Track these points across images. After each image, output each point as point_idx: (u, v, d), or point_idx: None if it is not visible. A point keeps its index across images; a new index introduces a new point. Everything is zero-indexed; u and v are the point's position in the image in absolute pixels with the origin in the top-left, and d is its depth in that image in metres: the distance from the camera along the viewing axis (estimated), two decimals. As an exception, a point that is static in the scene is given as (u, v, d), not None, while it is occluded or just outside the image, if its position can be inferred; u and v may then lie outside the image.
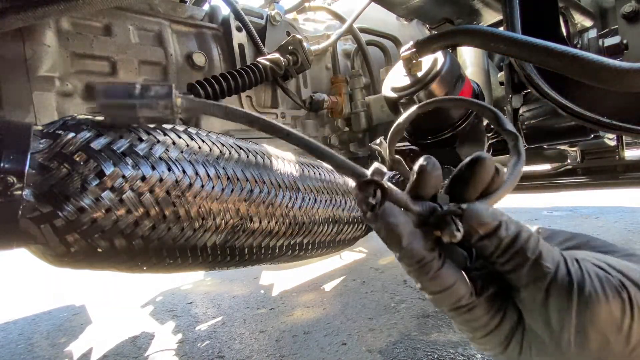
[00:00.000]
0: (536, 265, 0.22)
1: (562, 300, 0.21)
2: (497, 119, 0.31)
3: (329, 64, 1.13)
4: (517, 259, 0.23)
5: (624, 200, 2.57)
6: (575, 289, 0.21)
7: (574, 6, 0.83)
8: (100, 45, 0.67)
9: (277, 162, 0.48)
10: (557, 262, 0.22)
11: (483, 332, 0.25)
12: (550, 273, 0.22)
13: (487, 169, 0.24)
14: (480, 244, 0.24)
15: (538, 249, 0.22)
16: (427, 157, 0.25)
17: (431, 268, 0.24)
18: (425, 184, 0.25)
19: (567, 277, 0.22)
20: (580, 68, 0.41)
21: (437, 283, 0.24)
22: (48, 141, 0.31)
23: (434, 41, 0.57)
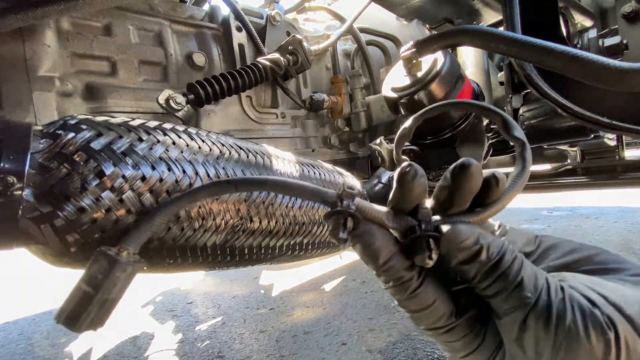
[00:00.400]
0: (516, 293, 0.21)
1: (539, 333, 0.20)
2: (505, 123, 0.29)
3: (329, 64, 1.13)
4: (498, 285, 0.21)
5: (624, 200, 2.57)
6: (553, 323, 0.20)
7: (574, 6, 0.83)
8: (100, 45, 0.67)
9: (277, 162, 0.48)
10: (540, 290, 0.21)
11: (463, 352, 0.24)
12: (529, 303, 0.20)
13: (473, 178, 0.22)
14: (460, 268, 0.22)
15: (520, 275, 0.21)
16: (408, 164, 0.23)
17: (409, 287, 0.23)
18: (406, 196, 0.23)
19: (547, 309, 0.20)
20: (580, 68, 0.41)
21: (415, 302, 0.24)
22: (48, 141, 0.31)
23: (434, 41, 0.57)
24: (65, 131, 0.32)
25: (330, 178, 0.57)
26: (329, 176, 0.57)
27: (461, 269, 0.22)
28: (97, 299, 0.22)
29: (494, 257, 0.21)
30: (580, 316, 0.20)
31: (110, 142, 0.33)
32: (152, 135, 0.36)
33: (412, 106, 0.65)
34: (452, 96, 0.64)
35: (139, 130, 0.36)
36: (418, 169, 0.23)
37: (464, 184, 0.22)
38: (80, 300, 0.22)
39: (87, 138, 0.32)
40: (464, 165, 0.22)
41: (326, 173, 0.57)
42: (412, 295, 0.23)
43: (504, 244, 0.22)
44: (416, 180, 0.22)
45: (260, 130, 0.90)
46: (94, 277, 0.23)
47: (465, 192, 0.22)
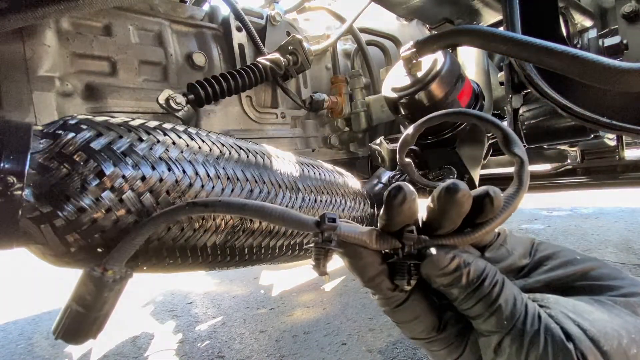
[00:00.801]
0: (493, 319, 0.21)
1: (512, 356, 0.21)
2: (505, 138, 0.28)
3: (329, 64, 1.13)
4: (477, 309, 0.22)
5: (624, 200, 2.57)
6: (524, 352, 0.20)
7: (574, 6, 0.83)
8: (100, 45, 0.67)
9: (277, 162, 0.48)
10: (517, 317, 0.21)
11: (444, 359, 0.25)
12: (504, 330, 0.21)
13: (459, 203, 0.22)
14: (443, 290, 0.23)
15: (498, 301, 0.21)
16: (397, 185, 0.22)
17: (393, 302, 0.25)
18: (394, 218, 0.23)
19: (520, 337, 0.21)
20: (580, 68, 0.41)
21: (399, 315, 0.25)
22: (48, 141, 0.31)
23: (434, 41, 0.57)
24: (65, 131, 0.32)
25: (330, 178, 0.57)
26: (329, 176, 0.57)
27: (443, 291, 0.23)
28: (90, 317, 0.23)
29: (474, 284, 0.22)
30: (552, 349, 0.20)
31: (110, 142, 0.33)
32: (152, 135, 0.36)
33: (412, 106, 0.65)
34: (452, 96, 0.64)
35: (139, 130, 0.36)
36: (407, 192, 0.22)
37: (449, 208, 0.22)
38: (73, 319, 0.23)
39: (87, 138, 0.32)
40: (449, 189, 0.21)
41: (326, 173, 0.57)
42: (397, 310, 0.25)
43: (484, 269, 0.22)
44: (405, 204, 0.22)
45: (260, 130, 0.90)
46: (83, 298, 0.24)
47: (452, 215, 0.22)
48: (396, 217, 0.23)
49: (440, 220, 0.23)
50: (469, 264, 0.22)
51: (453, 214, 0.22)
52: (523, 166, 0.26)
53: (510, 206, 0.23)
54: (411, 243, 0.23)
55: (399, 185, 0.22)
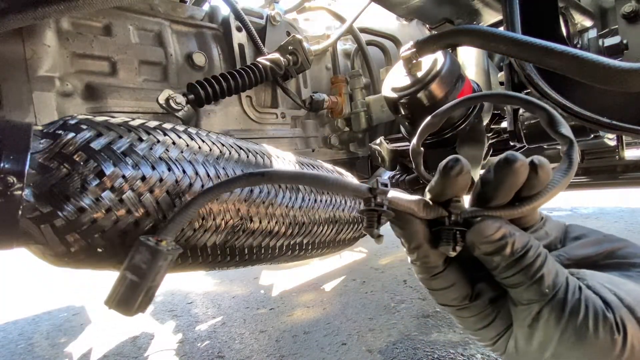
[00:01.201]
0: (535, 287, 0.22)
1: (549, 326, 0.22)
2: (551, 119, 0.28)
3: (329, 64, 1.13)
4: (518, 277, 0.22)
5: (624, 200, 2.57)
6: (565, 319, 0.21)
7: (574, 6, 0.83)
8: (100, 45, 0.67)
9: (277, 162, 0.48)
10: (558, 287, 0.22)
11: (474, 327, 0.27)
12: (545, 299, 0.22)
13: (518, 174, 0.22)
14: (483, 259, 0.24)
15: (541, 271, 0.22)
16: (454, 157, 0.23)
17: (433, 269, 0.26)
18: (446, 189, 0.24)
19: (562, 305, 0.21)
20: (580, 68, 0.41)
21: (435, 283, 0.26)
22: (48, 141, 0.31)
23: (434, 41, 0.57)
24: (65, 131, 0.32)
25: (330, 178, 0.57)
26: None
27: (484, 259, 0.24)
28: (143, 286, 0.24)
29: (517, 253, 0.22)
30: (593, 316, 0.21)
31: (110, 142, 0.33)
32: (152, 135, 0.36)
33: (412, 106, 0.65)
34: (452, 96, 0.64)
35: (139, 130, 0.36)
36: (465, 165, 0.23)
37: (507, 179, 0.22)
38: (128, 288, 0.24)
39: (87, 138, 0.32)
40: (508, 160, 0.22)
41: (326, 173, 0.57)
42: (434, 277, 0.26)
43: (529, 241, 0.23)
44: (460, 176, 0.23)
45: (260, 130, 0.90)
46: (138, 267, 0.24)
47: (507, 187, 0.23)
48: (449, 188, 0.24)
49: (495, 191, 0.23)
50: (514, 234, 0.23)
51: (509, 185, 0.23)
52: (573, 146, 0.26)
53: (560, 183, 0.23)
54: (458, 212, 0.24)
55: (456, 157, 0.23)
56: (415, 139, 0.37)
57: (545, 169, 0.23)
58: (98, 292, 1.88)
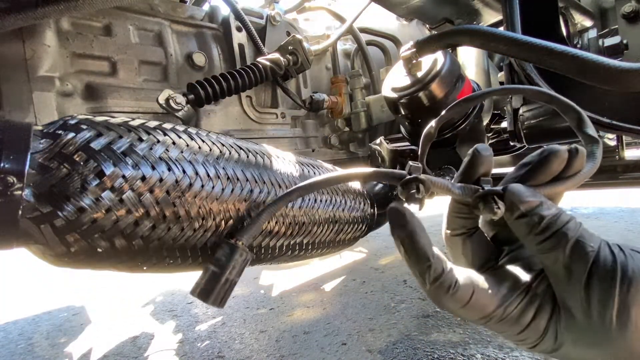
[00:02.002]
0: (578, 245, 0.22)
1: (605, 280, 0.21)
2: (580, 121, 0.29)
3: (329, 64, 1.13)
4: (557, 237, 0.23)
5: (624, 200, 2.57)
6: (618, 268, 0.21)
7: (574, 6, 0.83)
8: (100, 45, 0.67)
9: (277, 162, 0.48)
10: (599, 243, 0.23)
11: (519, 327, 0.25)
12: (593, 252, 0.22)
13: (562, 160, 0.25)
14: (520, 222, 0.24)
15: (579, 230, 0.23)
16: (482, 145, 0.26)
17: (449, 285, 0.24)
18: (477, 166, 0.26)
19: (611, 256, 0.22)
20: (580, 68, 0.41)
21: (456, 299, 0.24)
22: (48, 141, 0.31)
23: (434, 41, 0.57)
24: (65, 131, 0.32)
25: (330, 178, 0.57)
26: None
27: (521, 223, 0.24)
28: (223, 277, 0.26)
29: (554, 211, 0.24)
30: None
31: (110, 142, 0.33)
32: (152, 135, 0.36)
33: (412, 106, 0.65)
34: (452, 96, 0.64)
35: (139, 130, 0.36)
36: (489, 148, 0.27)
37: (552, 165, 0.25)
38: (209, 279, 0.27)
39: (87, 138, 0.32)
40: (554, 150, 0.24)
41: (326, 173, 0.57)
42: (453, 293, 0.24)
43: (559, 207, 0.24)
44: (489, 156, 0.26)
45: (260, 130, 0.90)
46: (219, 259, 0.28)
47: (550, 172, 0.25)
48: (480, 166, 0.26)
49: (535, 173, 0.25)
50: (547, 199, 0.24)
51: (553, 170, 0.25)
52: (599, 145, 0.28)
53: (587, 172, 0.26)
54: (490, 184, 0.25)
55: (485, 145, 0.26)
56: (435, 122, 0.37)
57: (582, 156, 0.25)
58: (98, 292, 1.88)
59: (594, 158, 0.27)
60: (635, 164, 0.99)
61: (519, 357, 0.90)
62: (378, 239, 2.26)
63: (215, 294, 0.27)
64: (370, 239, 2.27)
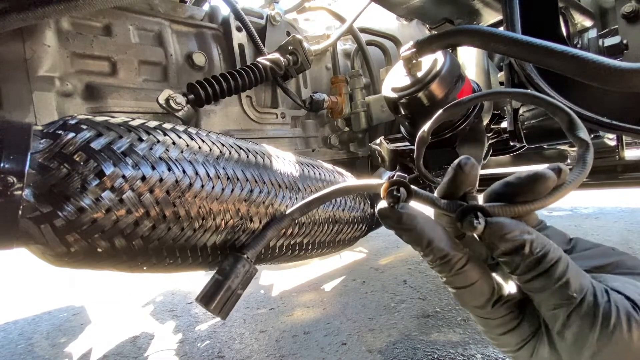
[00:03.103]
0: (560, 292, 0.22)
1: (583, 331, 0.21)
2: (571, 123, 0.28)
3: (329, 64, 1.13)
4: (541, 281, 0.22)
5: (624, 200, 2.57)
6: (598, 323, 0.21)
7: (574, 6, 0.83)
8: (100, 45, 0.67)
9: (277, 162, 0.48)
10: (585, 291, 0.22)
11: (499, 331, 0.26)
12: (573, 303, 0.21)
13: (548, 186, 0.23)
14: (503, 259, 0.23)
15: (566, 275, 0.22)
16: (466, 157, 0.25)
17: (455, 265, 0.25)
18: (462, 182, 0.25)
19: (593, 308, 0.21)
20: (580, 68, 0.41)
21: (459, 279, 0.25)
22: (48, 141, 0.31)
23: (434, 41, 0.57)
24: (65, 131, 0.32)
25: (331, 178, 0.57)
26: (329, 176, 0.57)
27: (504, 260, 0.23)
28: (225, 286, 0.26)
29: (536, 253, 0.22)
30: (625, 317, 0.21)
31: (110, 142, 0.33)
32: (152, 135, 0.36)
33: (412, 106, 0.65)
34: (452, 96, 0.64)
35: (139, 130, 0.36)
36: (475, 162, 0.25)
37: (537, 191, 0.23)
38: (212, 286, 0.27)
39: (87, 138, 0.32)
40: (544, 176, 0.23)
41: (326, 173, 0.57)
42: (457, 273, 0.25)
43: (548, 243, 0.23)
44: (473, 171, 0.25)
45: (260, 130, 0.90)
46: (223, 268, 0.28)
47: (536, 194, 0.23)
48: (463, 183, 0.25)
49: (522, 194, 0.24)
50: (532, 233, 0.22)
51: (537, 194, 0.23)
52: (588, 149, 0.27)
53: (574, 182, 0.24)
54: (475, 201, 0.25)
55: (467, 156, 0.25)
56: (427, 126, 0.37)
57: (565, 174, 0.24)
58: (98, 292, 1.88)
59: (584, 164, 0.26)
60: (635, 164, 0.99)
61: (519, 357, 0.89)
62: (378, 239, 2.26)
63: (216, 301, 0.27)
64: (370, 239, 2.27)
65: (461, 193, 0.25)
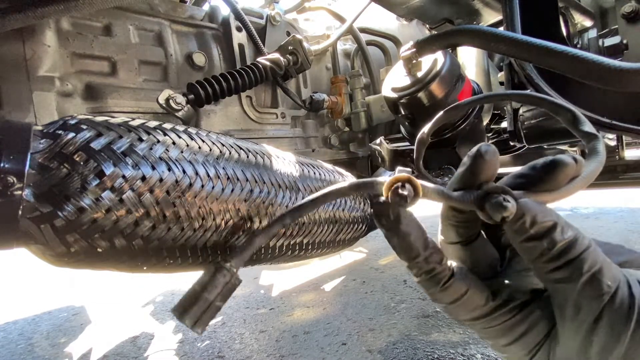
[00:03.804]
0: (593, 281, 0.19)
1: (617, 324, 0.19)
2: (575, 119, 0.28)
3: (329, 64, 1.13)
4: (571, 269, 0.20)
5: (624, 200, 2.57)
6: (634, 319, 0.19)
7: (574, 6, 0.83)
8: (100, 45, 0.67)
9: (277, 162, 0.48)
10: (618, 281, 0.19)
11: (505, 342, 0.23)
12: (609, 293, 0.19)
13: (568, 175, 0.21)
14: (529, 245, 0.20)
15: (599, 263, 0.19)
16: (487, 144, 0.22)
17: (440, 279, 0.23)
18: (482, 171, 0.21)
19: (629, 299, 0.19)
20: (580, 68, 0.41)
21: (448, 294, 0.23)
22: (48, 141, 0.31)
23: (434, 41, 0.57)
24: (65, 131, 0.32)
25: (331, 178, 0.57)
26: (329, 176, 0.57)
27: (530, 246, 0.20)
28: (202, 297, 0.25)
29: (569, 237, 0.20)
30: None
31: (110, 142, 0.33)
32: (152, 135, 0.36)
33: (412, 106, 0.65)
34: (452, 96, 0.64)
35: (139, 130, 0.36)
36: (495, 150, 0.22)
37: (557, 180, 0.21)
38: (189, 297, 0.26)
39: (87, 138, 0.32)
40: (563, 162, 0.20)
41: (326, 173, 0.57)
42: (444, 288, 0.23)
43: (579, 230, 0.20)
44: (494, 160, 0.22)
45: (260, 130, 0.90)
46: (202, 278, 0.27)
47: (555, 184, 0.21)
48: (482, 173, 0.21)
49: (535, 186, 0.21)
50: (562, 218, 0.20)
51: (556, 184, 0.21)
52: (598, 140, 0.25)
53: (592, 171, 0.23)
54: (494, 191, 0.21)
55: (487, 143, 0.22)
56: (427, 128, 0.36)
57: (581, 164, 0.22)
58: (98, 292, 1.88)
59: (598, 153, 0.24)
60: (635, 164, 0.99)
61: (519, 357, 0.89)
62: (378, 239, 2.26)
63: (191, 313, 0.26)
64: (370, 239, 2.27)
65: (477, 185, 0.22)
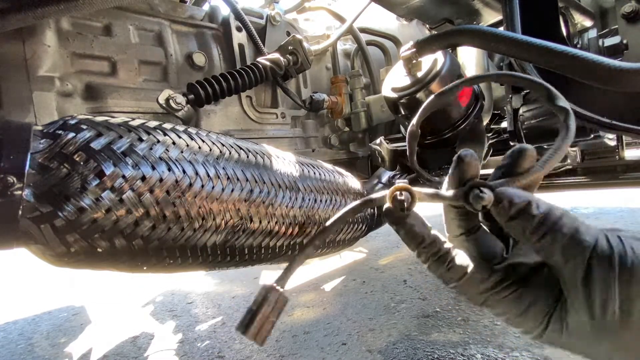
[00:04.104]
0: (574, 240, 0.22)
1: (604, 272, 0.21)
2: (549, 94, 0.31)
3: (329, 64, 1.13)
4: (552, 235, 0.23)
5: (624, 200, 2.57)
6: (616, 260, 0.21)
7: (574, 6, 0.83)
8: (100, 45, 0.67)
9: (277, 162, 0.48)
10: (596, 236, 0.22)
11: (517, 310, 0.26)
12: (589, 247, 0.22)
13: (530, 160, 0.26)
14: (513, 224, 0.24)
15: (574, 225, 0.23)
16: (465, 150, 0.27)
17: (446, 259, 0.26)
18: (465, 172, 0.26)
19: (608, 249, 0.22)
20: (580, 68, 0.41)
21: (454, 272, 0.27)
22: (48, 141, 0.31)
23: (434, 41, 0.57)
24: (66, 131, 0.32)
25: (330, 178, 0.57)
26: (329, 176, 0.57)
27: (514, 225, 0.24)
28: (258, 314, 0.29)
29: (543, 210, 0.23)
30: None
31: (110, 142, 0.33)
32: (152, 135, 0.36)
33: (412, 106, 0.65)
34: (452, 96, 0.64)
35: (139, 130, 0.36)
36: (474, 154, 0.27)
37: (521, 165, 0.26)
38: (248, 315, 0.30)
39: (87, 138, 0.32)
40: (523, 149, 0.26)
41: (326, 173, 0.57)
42: (450, 267, 0.27)
43: (551, 204, 0.24)
44: (474, 161, 0.27)
45: (260, 130, 0.90)
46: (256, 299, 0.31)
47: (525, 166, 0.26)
48: (466, 172, 0.26)
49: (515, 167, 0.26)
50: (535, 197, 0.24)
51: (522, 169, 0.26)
52: (569, 115, 0.28)
53: (560, 148, 0.26)
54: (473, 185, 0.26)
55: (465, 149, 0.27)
56: (415, 119, 0.37)
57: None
58: (98, 292, 1.88)
59: (568, 129, 0.27)
60: (635, 164, 0.99)
61: (519, 357, 0.89)
62: (378, 239, 2.26)
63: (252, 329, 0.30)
64: (370, 239, 2.27)
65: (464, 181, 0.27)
